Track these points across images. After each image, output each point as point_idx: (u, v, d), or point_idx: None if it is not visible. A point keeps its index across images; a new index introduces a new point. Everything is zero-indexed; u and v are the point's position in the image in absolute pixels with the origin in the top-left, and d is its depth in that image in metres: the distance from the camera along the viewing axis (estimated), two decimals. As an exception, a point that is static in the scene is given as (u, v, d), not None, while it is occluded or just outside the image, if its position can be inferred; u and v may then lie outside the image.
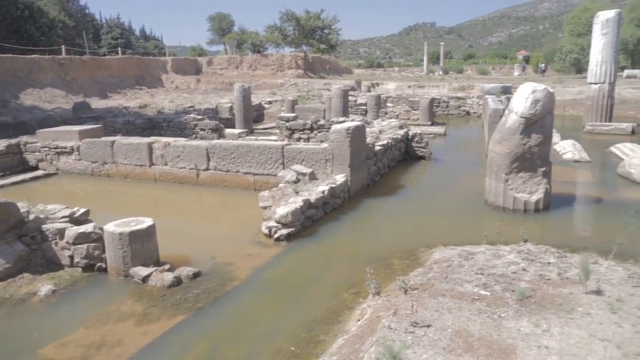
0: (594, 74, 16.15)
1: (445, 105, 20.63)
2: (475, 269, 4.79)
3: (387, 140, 10.13)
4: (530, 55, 74.34)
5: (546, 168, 7.43)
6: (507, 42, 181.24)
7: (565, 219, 7.38)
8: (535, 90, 6.98)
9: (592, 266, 4.92)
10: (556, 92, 23.53)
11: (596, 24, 16.05)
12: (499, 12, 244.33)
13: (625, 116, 19.17)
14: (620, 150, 11.56)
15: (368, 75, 39.29)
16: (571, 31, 44.24)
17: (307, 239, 6.69)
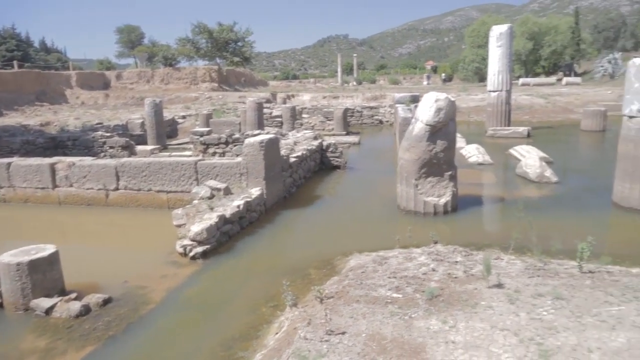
0: (492, 82, 17.39)
1: (359, 115, 21.25)
2: (389, 273, 4.95)
3: (302, 152, 10.24)
4: (438, 65, 78.66)
5: (452, 172, 7.87)
6: (416, 53, 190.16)
7: (472, 219, 7.83)
8: (438, 100, 7.39)
9: (495, 261, 5.28)
10: (461, 100, 25.08)
11: (492, 37, 17.33)
12: (407, 24, 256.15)
13: (521, 120, 20.79)
14: (518, 152, 12.50)
15: (284, 87, 39.57)
16: (472, 43, 47.33)
17: (224, 255, 6.58)
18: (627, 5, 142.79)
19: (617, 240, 6.91)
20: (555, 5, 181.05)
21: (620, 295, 4.11)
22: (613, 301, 4.00)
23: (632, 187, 7.91)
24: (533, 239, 5.69)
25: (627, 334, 3.43)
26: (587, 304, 3.93)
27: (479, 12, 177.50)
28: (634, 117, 7.79)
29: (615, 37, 50.55)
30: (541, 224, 7.40)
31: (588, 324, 3.59)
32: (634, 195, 7.90)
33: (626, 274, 4.86)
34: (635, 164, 7.81)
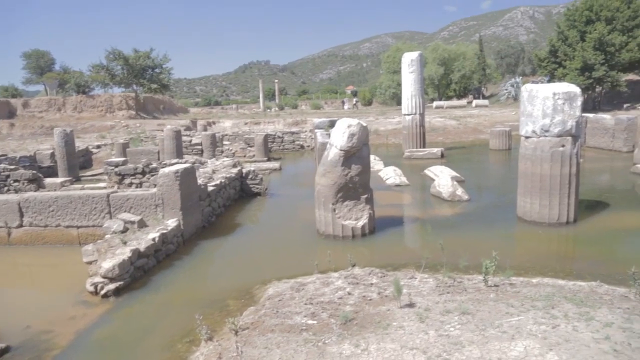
0: (407, 106, 18.20)
1: (280, 141, 21.38)
2: (305, 299, 4.96)
3: (220, 180, 10.11)
4: (358, 90, 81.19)
5: (368, 195, 8.09)
6: (336, 78, 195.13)
7: (389, 240, 8.04)
8: (351, 125, 7.61)
9: (408, 281, 5.45)
10: (379, 123, 25.94)
11: (404, 63, 18.20)
12: (327, 51, 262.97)
13: (436, 142, 21.87)
14: (432, 172, 13.10)
15: (205, 114, 39.04)
16: (388, 69, 49.45)
17: (138, 291, 6.30)
18: (524, 34, 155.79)
19: (521, 252, 7.38)
20: (463, 33, 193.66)
21: (519, 306, 4.38)
22: (513, 312, 4.25)
23: (532, 202, 8.53)
24: (443, 258, 5.97)
25: (525, 342, 3.65)
26: (491, 317, 4.15)
27: (394, 38, 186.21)
28: (529, 137, 8.44)
29: (516, 62, 54.82)
30: (454, 241, 7.78)
31: (491, 336, 3.78)
32: (534, 209, 8.51)
33: (526, 284, 5.20)
34: (534, 181, 8.44)
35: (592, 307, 4.33)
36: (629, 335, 3.77)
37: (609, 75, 29.43)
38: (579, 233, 8.15)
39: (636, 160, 14.33)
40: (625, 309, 4.36)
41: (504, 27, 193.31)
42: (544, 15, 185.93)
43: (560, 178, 8.22)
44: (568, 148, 8.17)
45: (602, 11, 29.93)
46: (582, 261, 6.82)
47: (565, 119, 8.06)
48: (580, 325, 3.93)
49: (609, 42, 29.07)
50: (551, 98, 8.00)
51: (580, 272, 6.17)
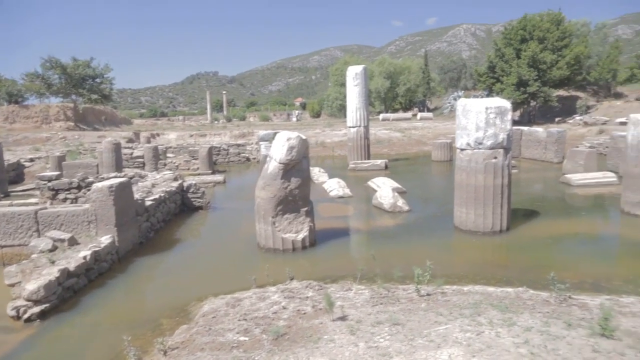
0: (351, 118, 18.46)
1: (226, 153, 21.14)
2: (240, 315, 4.90)
3: (160, 194, 9.86)
4: (306, 101, 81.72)
5: (308, 208, 8.11)
6: (285, 90, 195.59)
7: (329, 252, 8.08)
8: (290, 138, 7.63)
9: (344, 293, 5.49)
10: (325, 135, 26.10)
11: (348, 76, 18.49)
12: (276, 62, 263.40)
13: (381, 153, 22.27)
14: (375, 183, 13.31)
15: (149, 126, 38.09)
16: (335, 81, 50.02)
17: (67, 313, 6.00)
18: (467, 50, 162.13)
19: (456, 260, 7.60)
20: (409, 48, 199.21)
21: (448, 314, 4.50)
22: (442, 320, 4.36)
23: (467, 211, 8.82)
24: (378, 269, 6.07)
25: (450, 350, 3.75)
26: (420, 326, 4.24)
27: (342, 51, 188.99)
28: (464, 150, 8.75)
29: (458, 77, 56.85)
30: (393, 252, 7.94)
31: (418, 346, 3.86)
32: (470, 219, 8.81)
33: (457, 292, 5.35)
34: (469, 191, 8.74)
35: (516, 313, 4.51)
36: (545, 338, 3.95)
37: (542, 91, 31.07)
38: (511, 241, 8.49)
39: (565, 170, 15.16)
40: (545, 312, 4.57)
41: (448, 43, 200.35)
42: (485, 33, 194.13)
43: (493, 188, 8.56)
44: (500, 160, 8.53)
45: (534, 31, 31.65)
46: (512, 268, 7.10)
47: (497, 132, 8.42)
48: (503, 331, 4.08)
49: (541, 60, 30.74)
50: (484, 112, 8.35)
51: (510, 279, 6.43)
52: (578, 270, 6.89)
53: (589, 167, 14.76)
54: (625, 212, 10.03)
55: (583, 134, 25.89)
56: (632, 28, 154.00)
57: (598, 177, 13.65)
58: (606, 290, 5.98)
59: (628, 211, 9.97)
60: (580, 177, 13.70)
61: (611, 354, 3.77)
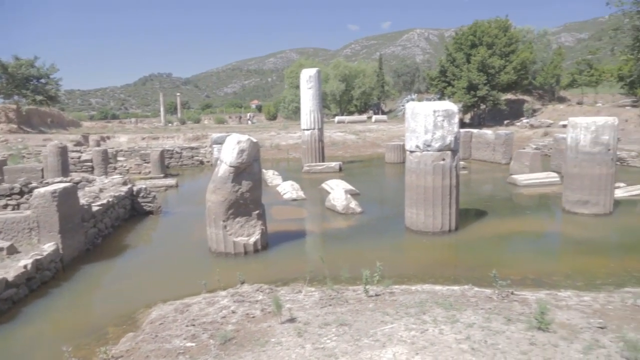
0: (305, 121, 18.52)
1: (179, 156, 20.76)
2: (188, 321, 4.83)
3: (108, 199, 9.58)
4: (262, 104, 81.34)
5: (260, 211, 8.08)
6: (241, 93, 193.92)
7: (282, 255, 8.07)
8: (240, 141, 7.59)
9: (295, 295, 5.51)
10: (281, 138, 26.06)
11: (302, 79, 18.55)
12: (231, 65, 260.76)
13: (336, 156, 22.43)
14: (329, 186, 13.40)
15: (99, 128, 36.91)
16: (291, 84, 50.02)
17: (5, 325, 5.73)
18: (420, 54, 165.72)
19: (407, 261, 7.76)
20: (364, 51, 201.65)
21: (394, 314, 4.59)
22: (388, 320, 4.45)
23: (417, 212, 9.02)
24: (328, 271, 6.11)
25: (394, 348, 3.83)
26: (366, 327, 4.31)
27: (298, 54, 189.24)
28: (413, 152, 8.95)
29: (412, 80, 57.97)
30: (345, 253, 8.02)
31: (364, 346, 3.92)
32: (420, 219, 9.01)
33: (405, 292, 5.47)
34: (418, 193, 8.94)
35: (459, 310, 4.65)
36: (486, 333, 4.10)
37: (491, 95, 32.12)
38: (459, 240, 8.74)
39: (512, 171, 15.74)
40: (487, 309, 4.73)
41: (402, 47, 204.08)
42: (438, 38, 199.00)
43: (442, 189, 8.79)
44: (448, 161, 8.77)
45: (483, 37, 32.70)
46: (460, 267, 7.31)
47: (445, 134, 8.65)
48: (446, 328, 4.20)
49: (490, 65, 31.80)
50: (432, 115, 8.56)
51: (457, 277, 6.62)
52: (522, 267, 7.17)
53: (534, 167, 15.38)
54: (566, 210, 10.51)
55: (529, 136, 26.95)
56: (574, 36, 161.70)
57: (542, 178, 14.25)
58: (547, 285, 6.25)
59: (568, 209, 10.46)
60: (526, 177, 14.26)
61: (546, 345, 3.95)
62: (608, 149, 9.91)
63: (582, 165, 10.09)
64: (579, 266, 7.18)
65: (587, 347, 3.94)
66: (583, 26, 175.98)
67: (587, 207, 10.14)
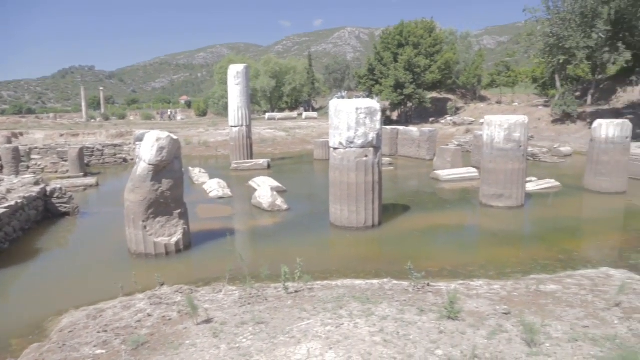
0: (233, 118, 18.27)
1: (101, 154, 19.81)
2: (100, 327, 4.62)
3: (16, 200, 8.96)
4: (192, 100, 79.37)
5: (182, 210, 7.88)
6: (169, 88, 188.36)
7: (205, 255, 7.90)
8: (160, 139, 7.35)
9: (214, 295, 5.42)
10: (209, 135, 25.56)
11: (230, 75, 18.26)
12: (159, 59, 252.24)
13: (265, 153, 22.32)
14: (256, 183, 13.31)
15: (11, 124, 34.43)
16: (221, 80, 49.16)
17: None
18: (351, 52, 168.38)
19: (331, 256, 7.86)
20: (296, 48, 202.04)
21: (312, 310, 4.64)
22: (305, 316, 4.48)
23: (342, 208, 9.16)
24: (250, 269, 6.07)
25: (309, 344, 3.87)
26: (283, 324, 4.32)
27: (230, 49, 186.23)
28: (337, 149, 9.07)
29: (342, 78, 58.80)
30: (270, 251, 8.00)
31: (279, 343, 3.93)
32: (344, 215, 9.15)
33: (325, 287, 5.54)
34: (342, 189, 9.08)
35: (375, 303, 4.78)
36: (399, 325, 4.24)
37: (417, 93, 33.22)
38: (382, 235, 8.98)
39: (435, 167, 16.37)
40: (402, 301, 4.89)
41: (333, 45, 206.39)
42: (368, 37, 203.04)
43: (365, 185, 8.98)
44: (370, 158, 8.97)
45: (410, 37, 33.75)
46: (381, 261, 7.50)
47: (368, 131, 8.83)
48: (361, 322, 4.30)
49: (416, 64, 32.87)
50: (354, 113, 8.71)
51: (379, 271, 6.79)
52: (440, 259, 7.48)
53: (455, 163, 16.08)
54: (483, 203, 11.08)
55: (453, 133, 28.14)
56: (495, 39, 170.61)
57: (463, 173, 14.94)
58: (462, 275, 6.56)
59: (485, 203, 11.03)
60: (448, 172, 14.88)
61: (454, 333, 4.14)
62: (520, 146, 10.54)
63: (497, 161, 10.67)
64: (493, 256, 7.59)
65: (491, 333, 4.17)
66: (503, 30, 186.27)
67: (502, 200, 10.74)
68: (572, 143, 23.33)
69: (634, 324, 4.43)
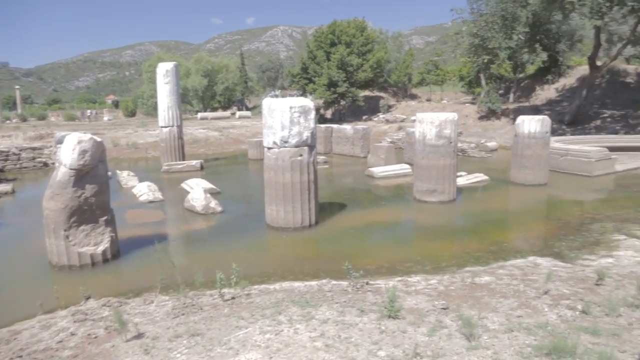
0: (163, 118, 17.56)
1: (17, 158, 18.37)
2: (13, 352, 4.20)
3: None
4: (120, 99, 76.05)
5: (108, 216, 7.42)
6: (95, 87, 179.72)
7: (135, 264, 7.48)
8: (82, 141, 6.87)
9: (145, 307, 5.11)
10: (138, 136, 24.48)
11: (159, 74, 17.53)
12: (83, 56, 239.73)
13: (198, 154, 21.69)
14: (188, 185, 12.85)
15: None
16: (150, 78, 47.33)
17: None
18: (284, 51, 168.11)
19: (268, 258, 7.69)
20: (228, 46, 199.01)
21: (250, 317, 4.46)
22: (243, 325, 4.30)
23: (277, 209, 9.00)
24: (184, 277, 5.80)
25: (248, 355, 3.70)
26: (220, 334, 4.12)
27: (159, 47, 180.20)
28: (271, 148, 8.89)
29: (276, 76, 58.47)
30: (205, 256, 7.71)
31: (216, 355, 3.73)
32: (280, 216, 9.00)
33: (263, 292, 5.37)
34: (277, 189, 8.92)
35: (315, 307, 4.67)
36: (340, 327, 4.15)
37: (350, 91, 33.59)
38: (319, 234, 8.91)
39: (369, 164, 16.56)
40: (342, 302, 4.82)
41: (266, 43, 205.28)
42: (301, 35, 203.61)
43: (300, 185, 8.87)
44: (305, 157, 8.87)
45: (342, 36, 34.06)
46: (319, 261, 7.42)
47: (302, 130, 8.73)
48: (302, 327, 4.18)
49: (348, 63, 33.22)
50: (288, 112, 8.57)
51: (317, 272, 6.70)
52: (378, 256, 7.51)
53: (388, 160, 16.35)
54: (417, 199, 11.31)
55: (385, 130, 28.68)
56: (424, 39, 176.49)
57: (396, 169, 15.20)
58: (400, 272, 6.60)
59: (419, 198, 11.26)
60: (382, 169, 15.08)
61: (395, 333, 4.11)
62: (450, 142, 10.83)
63: (429, 157, 10.91)
64: (428, 251, 7.72)
65: (431, 330, 4.19)
66: (431, 30, 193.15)
67: (434, 195, 11.00)
68: (497, 138, 24.45)
69: (562, 310, 4.62)
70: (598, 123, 25.36)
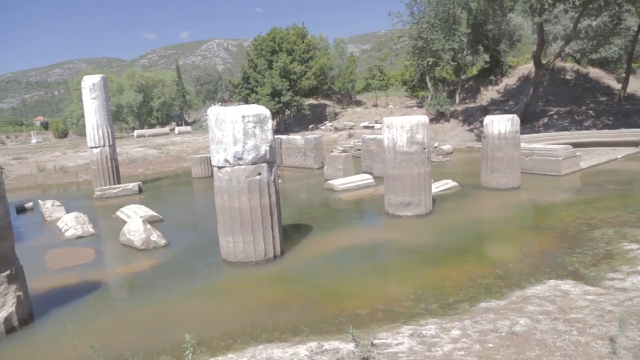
0: (92, 137, 15.50)
1: None
2: None
3: None
4: (50, 120, 71.24)
5: (11, 270, 5.58)
6: (21, 108, 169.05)
7: (51, 332, 5.62)
8: (-35, 174, 5.06)
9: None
10: (68, 158, 22.04)
11: (84, 88, 15.48)
12: (6, 76, 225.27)
13: (136, 174, 19.62)
14: (125, 213, 10.99)
15: None
16: (78, 97, 44.10)
17: None
18: (221, 64, 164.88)
19: (229, 309, 6.03)
20: (163, 61, 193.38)
21: None
22: None
23: (235, 240, 7.42)
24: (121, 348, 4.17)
25: None
26: None
27: (89, 64, 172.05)
28: (222, 167, 7.31)
29: (215, 89, 56.30)
30: (147, 312, 6.05)
31: None
32: (238, 248, 7.42)
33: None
34: (233, 216, 7.34)
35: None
36: None
37: (294, 100, 32.28)
38: (287, 268, 7.41)
39: (327, 176, 15.22)
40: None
41: (202, 57, 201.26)
42: (237, 48, 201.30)
43: (261, 209, 7.36)
44: (265, 176, 7.37)
45: (283, 43, 32.78)
46: (295, 307, 5.88)
47: (259, 143, 7.24)
48: None
49: (291, 71, 31.94)
50: (241, 122, 7.06)
51: (297, 325, 5.21)
52: (366, 294, 6.09)
53: (347, 171, 15.08)
54: (390, 214, 10.03)
55: (335, 138, 27.57)
56: (359, 47, 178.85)
57: (358, 180, 13.92)
58: (402, 316, 5.21)
59: (393, 213, 10.00)
60: (342, 181, 13.77)
61: None
62: (424, 148, 9.66)
63: (401, 166, 9.67)
64: (424, 281, 6.38)
65: None
66: (365, 38, 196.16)
67: (410, 208, 9.78)
68: (449, 141, 23.89)
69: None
70: (546, 120, 25.37)
